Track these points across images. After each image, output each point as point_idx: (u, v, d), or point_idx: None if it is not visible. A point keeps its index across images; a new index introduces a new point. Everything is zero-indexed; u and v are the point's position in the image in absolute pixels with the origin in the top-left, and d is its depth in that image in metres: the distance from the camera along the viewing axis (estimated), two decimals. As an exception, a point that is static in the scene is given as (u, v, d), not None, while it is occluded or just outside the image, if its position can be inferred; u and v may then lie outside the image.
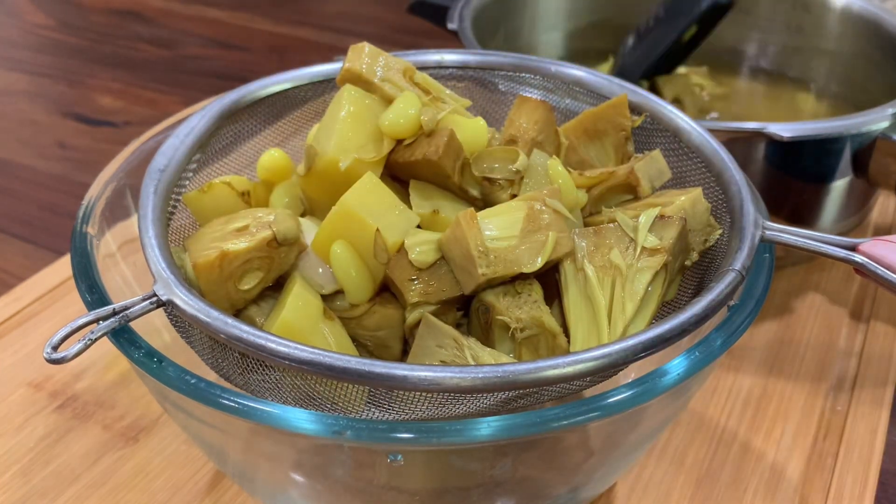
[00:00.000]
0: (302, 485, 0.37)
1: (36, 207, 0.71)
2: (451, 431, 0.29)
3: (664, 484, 0.45)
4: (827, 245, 0.36)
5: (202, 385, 0.31)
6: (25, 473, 0.46)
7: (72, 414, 0.49)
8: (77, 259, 0.37)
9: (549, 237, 0.34)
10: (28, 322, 0.55)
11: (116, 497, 0.44)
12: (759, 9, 0.70)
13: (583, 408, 0.30)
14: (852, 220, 0.58)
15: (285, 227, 0.35)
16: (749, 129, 0.50)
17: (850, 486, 0.45)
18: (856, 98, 0.65)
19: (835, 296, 0.58)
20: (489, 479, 0.36)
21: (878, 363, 0.53)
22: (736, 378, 0.51)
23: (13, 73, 0.95)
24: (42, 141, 0.81)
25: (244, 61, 0.97)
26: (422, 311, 0.35)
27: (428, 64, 0.47)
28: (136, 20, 1.07)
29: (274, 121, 0.45)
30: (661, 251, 0.35)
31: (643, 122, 0.44)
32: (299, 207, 0.41)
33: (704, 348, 0.33)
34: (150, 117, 0.84)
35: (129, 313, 0.32)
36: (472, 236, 0.33)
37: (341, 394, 0.33)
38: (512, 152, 0.38)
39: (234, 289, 0.35)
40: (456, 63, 0.47)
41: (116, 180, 0.42)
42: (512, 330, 0.34)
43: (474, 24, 0.62)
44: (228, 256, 0.34)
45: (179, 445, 0.47)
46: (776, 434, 0.48)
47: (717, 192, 0.40)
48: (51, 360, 0.30)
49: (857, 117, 0.51)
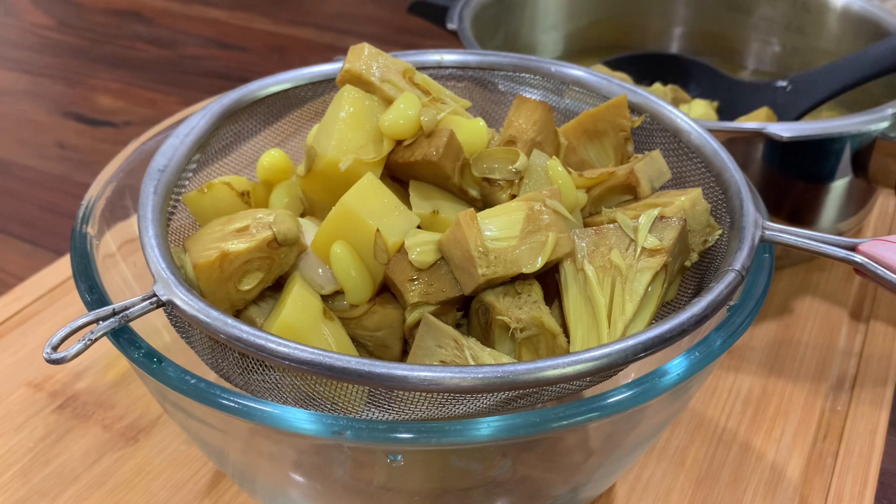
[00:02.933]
0: (302, 485, 0.37)
1: (36, 207, 0.71)
2: (451, 431, 0.30)
3: (664, 484, 0.45)
4: (827, 245, 0.37)
5: (202, 385, 0.31)
6: (25, 473, 0.46)
7: (72, 414, 0.49)
8: (77, 259, 0.37)
9: (549, 237, 0.34)
10: (28, 322, 0.55)
11: (116, 497, 0.44)
12: (759, 9, 0.70)
13: (583, 408, 0.30)
14: (852, 220, 0.58)
15: (285, 228, 0.35)
16: (749, 130, 0.50)
17: (850, 486, 0.45)
18: (856, 98, 0.65)
19: (835, 296, 0.58)
20: (489, 479, 0.36)
21: (878, 363, 0.53)
22: (736, 378, 0.51)
23: (13, 73, 0.95)
24: (42, 141, 0.81)
25: (244, 61, 0.97)
26: (422, 312, 0.35)
27: (428, 64, 0.47)
28: (136, 20, 1.07)
29: (274, 121, 0.45)
30: (661, 252, 0.35)
31: (643, 122, 0.44)
32: (299, 208, 0.41)
33: (704, 348, 0.33)
34: (150, 117, 0.84)
35: (129, 313, 0.32)
36: (473, 237, 0.33)
37: (341, 394, 0.33)
38: (512, 153, 0.38)
39: (235, 289, 0.35)
40: (456, 63, 0.47)
41: (116, 180, 0.42)
42: (512, 330, 0.34)
43: (474, 24, 0.62)
44: (229, 257, 0.34)
45: (179, 445, 0.47)
46: (776, 434, 0.48)
47: (716, 192, 0.40)
48: (51, 360, 0.30)
49: (857, 117, 0.51)
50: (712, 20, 0.73)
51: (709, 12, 0.73)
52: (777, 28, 0.70)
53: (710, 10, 0.73)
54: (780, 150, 0.51)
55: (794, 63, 0.70)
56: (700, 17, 0.73)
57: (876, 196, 0.59)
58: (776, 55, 0.71)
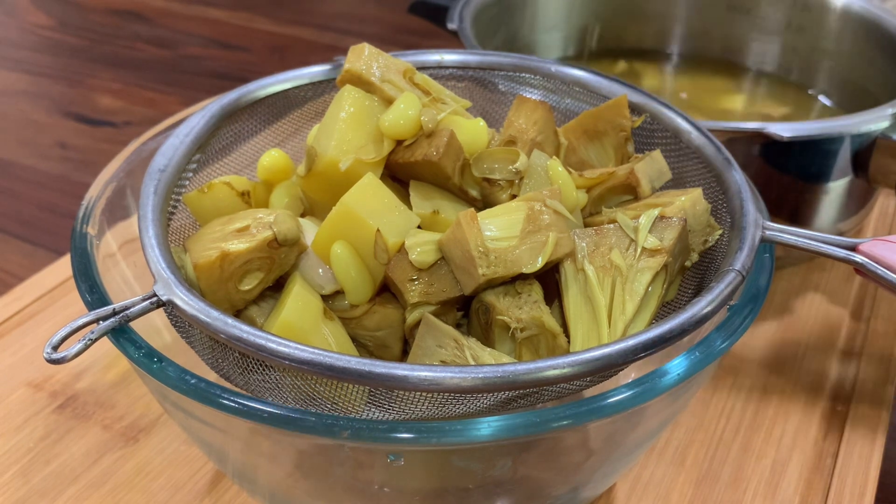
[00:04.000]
0: (302, 485, 0.37)
1: (36, 207, 0.71)
2: (451, 431, 0.30)
3: (664, 484, 0.45)
4: (827, 245, 0.37)
5: (202, 385, 0.31)
6: (25, 473, 0.46)
7: (72, 414, 0.49)
8: (77, 259, 0.37)
9: (550, 237, 0.34)
10: (28, 322, 0.55)
11: (116, 497, 0.44)
12: (759, 9, 0.70)
13: (583, 408, 0.30)
14: (852, 220, 0.58)
15: (286, 228, 0.35)
16: (749, 129, 0.50)
17: (850, 487, 0.45)
18: (856, 98, 0.65)
19: (835, 296, 0.58)
20: (489, 479, 0.36)
21: (878, 363, 0.53)
22: (736, 378, 0.51)
23: (13, 73, 0.95)
24: (42, 141, 0.81)
25: (244, 61, 0.97)
26: (422, 312, 0.35)
27: (428, 64, 0.47)
28: (136, 20, 1.07)
29: (274, 121, 0.45)
30: (661, 252, 0.35)
31: (643, 122, 0.44)
32: (299, 208, 0.41)
33: (704, 348, 0.33)
34: (150, 117, 0.84)
35: (129, 313, 0.32)
36: (473, 237, 0.33)
37: (341, 394, 0.33)
38: (512, 153, 0.38)
39: (235, 289, 0.35)
40: (456, 63, 0.47)
41: (116, 180, 0.42)
42: (512, 330, 0.34)
43: (474, 24, 0.62)
44: (229, 257, 0.34)
45: (179, 445, 0.47)
46: (776, 434, 0.48)
47: (717, 192, 0.40)
48: (51, 359, 0.30)
49: (857, 117, 0.51)
50: (711, 20, 0.73)
51: (708, 12, 0.73)
52: (777, 27, 0.70)
53: (710, 10, 0.73)
54: (781, 150, 0.51)
55: (795, 63, 0.70)
56: (700, 17, 0.73)
57: (876, 196, 0.59)
58: (776, 55, 0.71)
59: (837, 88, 0.67)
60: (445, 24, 0.63)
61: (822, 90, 0.68)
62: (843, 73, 0.67)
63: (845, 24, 0.66)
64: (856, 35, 0.65)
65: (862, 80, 0.65)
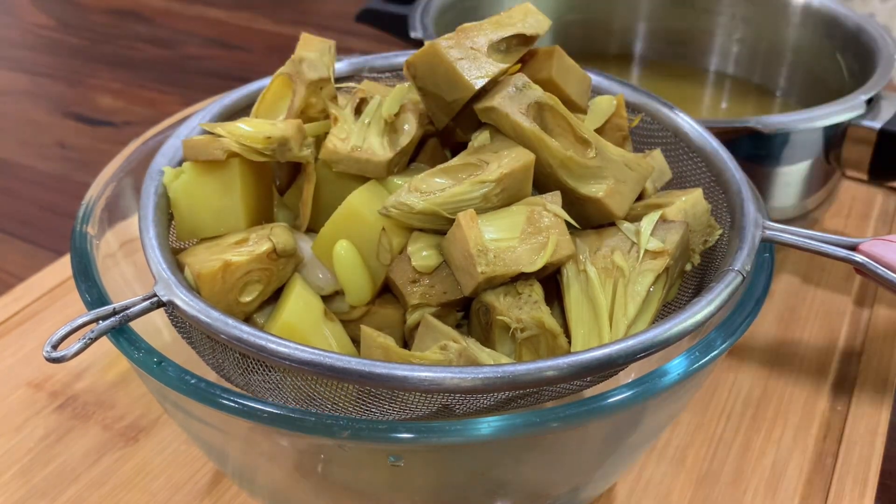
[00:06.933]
0: (302, 485, 0.37)
1: (36, 207, 0.71)
2: (451, 431, 0.29)
3: (664, 484, 0.45)
4: (827, 245, 0.36)
5: (202, 385, 0.31)
6: (25, 473, 0.46)
7: (72, 414, 0.49)
8: (77, 259, 0.37)
9: (550, 239, 0.34)
10: (28, 322, 0.55)
11: (116, 497, 0.44)
12: (717, 6, 0.71)
13: (583, 408, 0.30)
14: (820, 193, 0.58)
15: (283, 240, 0.35)
16: (742, 126, 0.50)
17: (850, 486, 0.45)
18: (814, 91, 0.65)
19: (835, 296, 0.58)
20: (489, 479, 0.36)
21: (878, 363, 0.53)
22: (736, 378, 0.51)
23: (13, 73, 0.95)
24: (42, 141, 0.81)
25: (244, 61, 0.97)
26: (422, 313, 0.35)
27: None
28: (136, 20, 1.07)
29: (274, 121, 0.45)
30: (663, 254, 0.35)
31: (643, 122, 0.44)
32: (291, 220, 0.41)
33: (704, 348, 0.33)
34: (150, 117, 0.84)
35: (129, 313, 0.32)
36: (472, 236, 0.33)
37: (341, 394, 0.33)
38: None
39: (236, 301, 0.35)
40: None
41: (116, 180, 0.42)
42: (512, 330, 0.34)
43: (437, 30, 0.61)
44: (231, 267, 0.34)
45: (179, 445, 0.47)
46: (776, 434, 0.48)
47: (717, 192, 0.40)
48: (50, 358, 0.30)
49: (831, 107, 0.52)
50: (673, 19, 0.73)
51: (668, 10, 0.73)
52: (737, 25, 0.70)
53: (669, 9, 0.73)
54: (761, 142, 0.52)
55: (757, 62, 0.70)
56: (661, 15, 0.73)
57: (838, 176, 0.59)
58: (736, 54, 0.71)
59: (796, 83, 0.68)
60: (398, 32, 0.63)
61: (782, 88, 0.69)
62: (803, 68, 0.68)
63: (806, 20, 0.67)
64: (815, 30, 0.66)
65: (821, 73, 0.66)
